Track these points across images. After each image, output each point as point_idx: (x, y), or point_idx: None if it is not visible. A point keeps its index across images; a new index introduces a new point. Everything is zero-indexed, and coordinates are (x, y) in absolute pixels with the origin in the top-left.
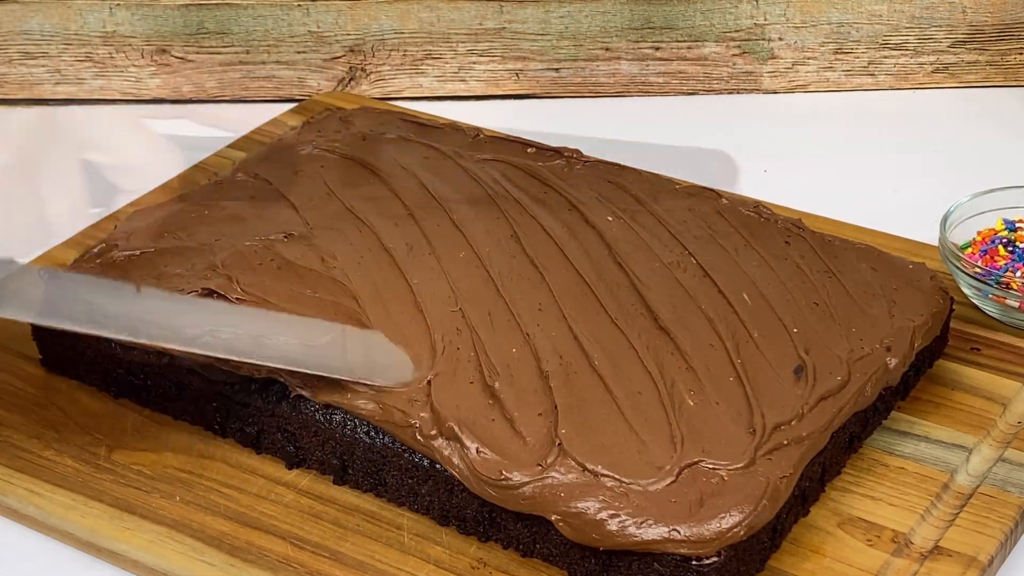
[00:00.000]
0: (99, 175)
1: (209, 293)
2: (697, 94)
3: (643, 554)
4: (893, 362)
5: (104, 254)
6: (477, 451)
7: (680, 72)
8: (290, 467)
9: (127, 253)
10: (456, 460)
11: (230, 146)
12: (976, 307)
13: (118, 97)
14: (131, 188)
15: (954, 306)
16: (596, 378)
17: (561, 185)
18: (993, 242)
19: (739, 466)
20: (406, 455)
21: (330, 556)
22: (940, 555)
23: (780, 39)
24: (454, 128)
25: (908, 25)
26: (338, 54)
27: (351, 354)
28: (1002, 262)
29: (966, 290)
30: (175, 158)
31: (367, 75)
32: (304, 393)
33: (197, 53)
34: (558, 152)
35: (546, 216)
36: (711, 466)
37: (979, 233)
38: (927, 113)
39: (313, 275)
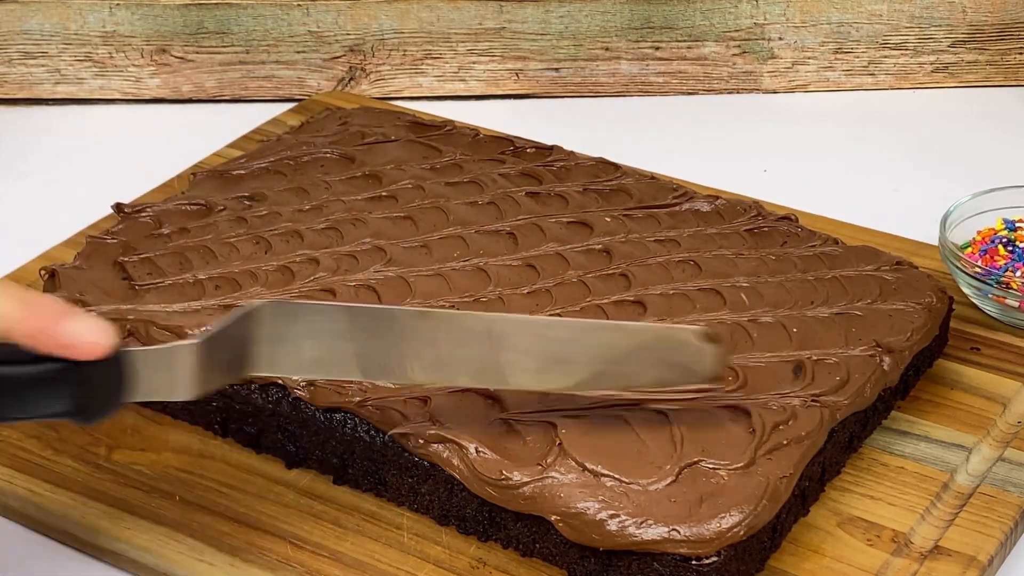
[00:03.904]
0: (98, 175)
1: None
2: (697, 94)
3: (643, 554)
4: (892, 362)
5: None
6: (477, 451)
7: (680, 72)
8: (290, 467)
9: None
10: (456, 460)
11: (230, 146)
12: (976, 307)
13: (118, 97)
14: (130, 188)
15: (954, 306)
16: None
17: (559, 185)
18: (993, 242)
19: (739, 466)
20: (406, 454)
21: (330, 556)
22: (940, 555)
23: (780, 39)
24: (453, 128)
25: (908, 25)
26: (338, 54)
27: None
28: (1002, 262)
29: (966, 290)
30: (174, 158)
31: (367, 75)
32: (303, 396)
33: (197, 53)
34: (555, 152)
35: (544, 216)
36: (711, 466)
37: (979, 233)
38: (927, 113)
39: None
